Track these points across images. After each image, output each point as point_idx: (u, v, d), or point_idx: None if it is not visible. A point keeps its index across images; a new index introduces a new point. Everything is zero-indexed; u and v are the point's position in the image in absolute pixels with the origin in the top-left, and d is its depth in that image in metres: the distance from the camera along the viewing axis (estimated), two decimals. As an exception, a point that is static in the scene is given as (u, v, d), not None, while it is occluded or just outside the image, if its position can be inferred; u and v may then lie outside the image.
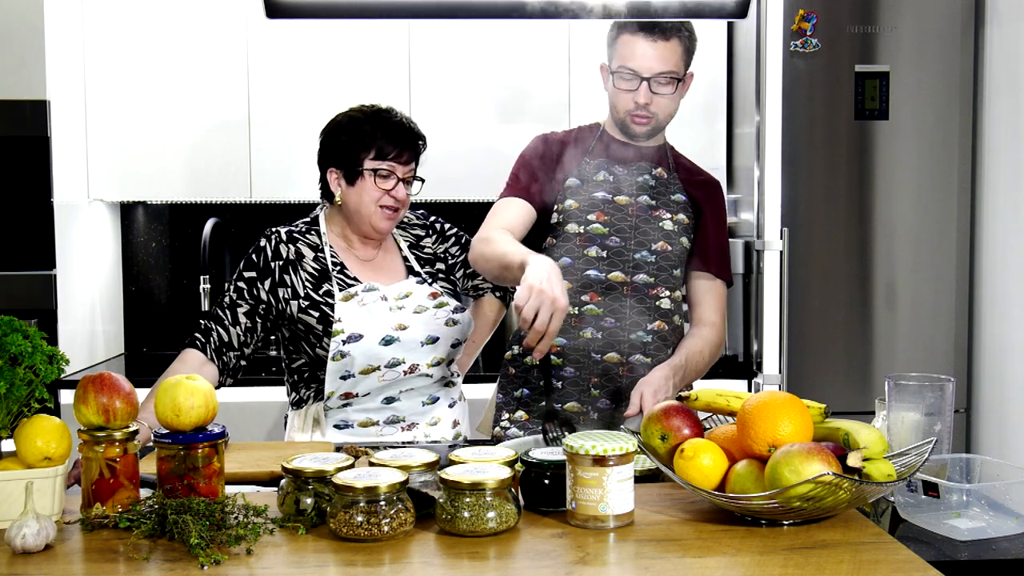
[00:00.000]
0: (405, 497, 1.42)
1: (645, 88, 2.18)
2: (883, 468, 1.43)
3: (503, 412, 2.27)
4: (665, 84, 2.19)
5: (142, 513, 1.43)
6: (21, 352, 1.48)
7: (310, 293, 2.17)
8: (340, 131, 2.22)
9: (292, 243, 2.22)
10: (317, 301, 2.17)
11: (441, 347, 2.24)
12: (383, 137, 2.19)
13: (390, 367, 2.17)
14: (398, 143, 2.20)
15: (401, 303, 2.22)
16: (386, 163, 2.19)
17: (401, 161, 2.20)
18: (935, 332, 3.24)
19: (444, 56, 3.54)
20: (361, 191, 2.20)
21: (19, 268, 3.21)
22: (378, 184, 2.19)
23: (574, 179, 2.25)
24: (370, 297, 2.19)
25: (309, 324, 2.17)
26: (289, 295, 2.18)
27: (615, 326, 2.19)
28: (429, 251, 2.36)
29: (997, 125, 3.17)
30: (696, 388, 1.78)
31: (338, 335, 2.14)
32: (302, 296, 2.17)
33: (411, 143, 2.22)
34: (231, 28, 3.50)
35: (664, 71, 2.17)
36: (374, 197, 2.19)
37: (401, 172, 2.21)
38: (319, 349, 2.17)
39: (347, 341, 2.14)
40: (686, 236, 2.27)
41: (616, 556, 1.36)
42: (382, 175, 2.19)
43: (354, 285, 2.20)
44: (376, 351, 2.15)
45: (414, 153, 2.23)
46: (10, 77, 3.17)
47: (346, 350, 2.14)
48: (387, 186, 2.19)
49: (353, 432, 2.19)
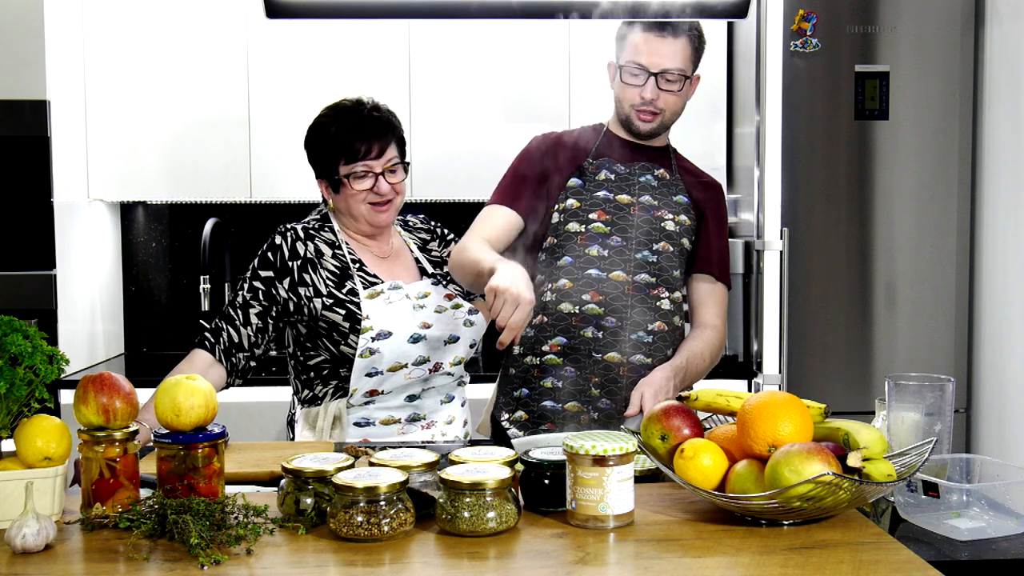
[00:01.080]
0: (405, 497, 1.42)
1: (652, 83, 2.18)
2: (883, 468, 1.43)
3: (503, 412, 2.27)
4: (672, 81, 2.19)
5: (142, 513, 1.43)
6: (21, 352, 1.48)
7: (333, 291, 2.15)
8: (314, 139, 2.21)
9: (310, 240, 2.19)
10: (342, 299, 2.15)
11: (461, 347, 2.24)
12: (350, 137, 2.15)
13: (417, 365, 2.17)
14: (366, 138, 2.15)
15: (422, 302, 2.22)
16: (360, 164, 2.16)
17: (373, 156, 2.16)
18: (935, 332, 3.24)
19: (444, 56, 3.54)
20: (346, 197, 2.19)
21: (19, 268, 3.21)
22: (355, 186, 2.16)
23: (576, 178, 2.25)
24: (396, 295, 2.18)
25: (334, 322, 2.14)
26: (312, 293, 2.15)
27: (616, 326, 2.19)
28: (436, 254, 2.36)
29: (997, 125, 3.17)
30: (696, 388, 1.78)
31: (367, 332, 2.12)
32: (325, 294, 2.15)
33: (380, 133, 2.17)
34: (231, 28, 3.50)
35: (672, 68, 2.18)
36: (359, 199, 2.17)
37: (379, 166, 2.17)
38: (344, 346, 2.14)
39: (376, 338, 2.12)
40: (687, 238, 2.27)
41: (616, 556, 1.36)
42: (358, 176, 2.16)
43: (377, 283, 2.19)
44: (404, 348, 2.15)
45: (387, 142, 2.18)
46: (10, 77, 3.17)
47: (375, 347, 2.12)
48: (366, 186, 2.17)
49: (375, 430, 2.18)
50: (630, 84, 2.21)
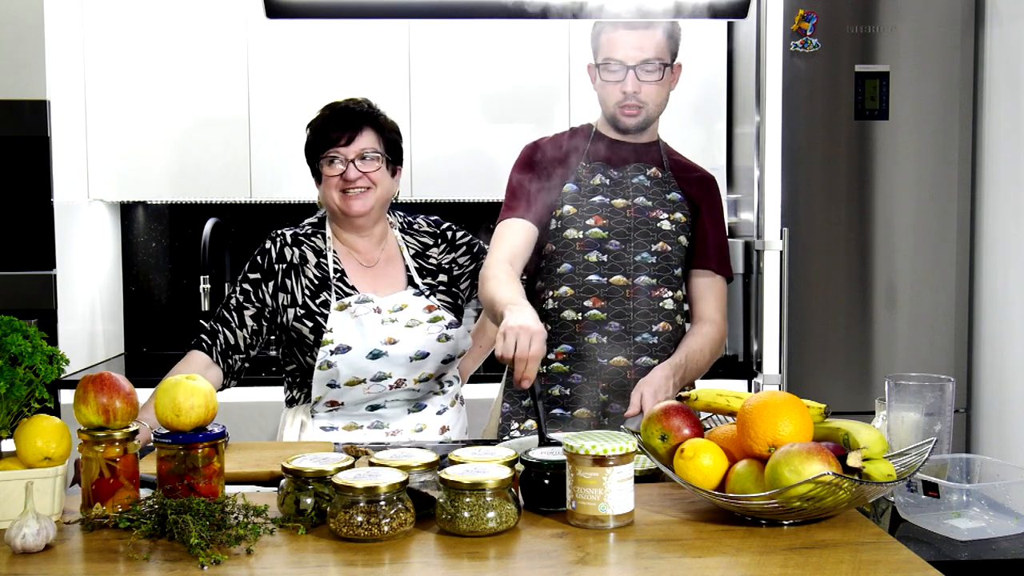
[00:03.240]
0: (405, 497, 1.42)
1: (632, 76, 2.17)
2: (883, 468, 1.43)
3: (512, 421, 2.26)
4: (652, 71, 2.18)
5: (142, 513, 1.43)
6: (21, 352, 1.48)
7: (307, 302, 2.18)
8: (307, 141, 2.25)
9: (297, 246, 2.23)
10: (312, 311, 2.17)
11: (430, 363, 2.22)
12: (326, 129, 2.20)
13: (376, 381, 2.17)
14: (338, 127, 2.19)
15: (394, 316, 2.20)
16: (330, 151, 2.19)
17: (343, 144, 2.18)
18: (935, 332, 3.24)
19: (444, 56, 3.54)
20: (323, 187, 2.23)
21: (19, 268, 3.21)
22: (326, 172, 2.20)
23: (571, 184, 2.24)
24: (363, 309, 2.18)
25: (302, 333, 2.18)
26: (288, 302, 2.18)
27: (620, 330, 2.18)
28: (434, 261, 2.32)
29: (997, 125, 3.17)
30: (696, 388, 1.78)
31: (327, 345, 2.14)
32: (299, 304, 2.18)
33: (352, 123, 2.20)
34: (231, 28, 3.50)
35: (649, 58, 2.17)
36: (330, 185, 2.20)
37: (351, 153, 2.18)
38: (308, 357, 2.18)
39: (335, 352, 2.14)
40: (684, 235, 2.26)
41: (616, 556, 1.36)
42: (328, 162, 2.19)
43: (351, 295, 2.20)
44: (362, 364, 2.15)
45: (359, 131, 2.20)
46: (10, 77, 3.17)
47: (333, 360, 2.14)
48: (335, 171, 2.19)
49: (337, 435, 2.21)
50: (610, 81, 2.20)
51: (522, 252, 2.20)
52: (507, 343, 1.86)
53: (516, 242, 2.20)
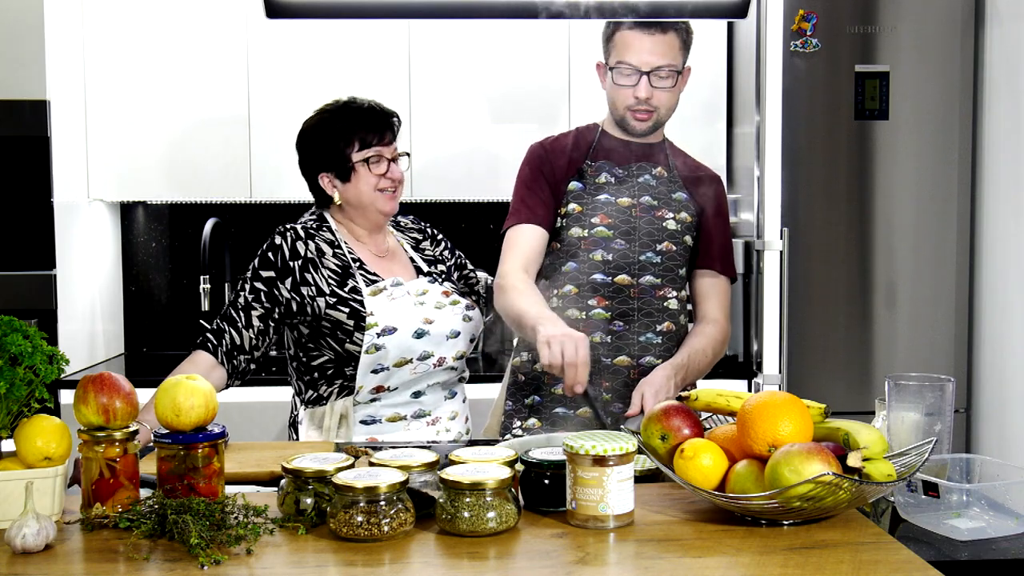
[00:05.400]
0: (405, 497, 1.42)
1: (645, 82, 2.17)
2: (883, 468, 1.43)
3: (514, 419, 2.26)
4: (665, 78, 2.18)
5: (142, 513, 1.43)
6: (21, 352, 1.48)
7: (336, 290, 2.17)
8: (317, 135, 2.25)
9: (310, 239, 2.22)
10: (345, 297, 2.17)
11: (462, 341, 2.26)
12: (360, 127, 2.22)
13: (422, 360, 2.19)
14: (375, 128, 2.23)
15: (422, 299, 2.24)
16: (372, 150, 2.22)
17: (384, 143, 2.24)
18: (935, 332, 3.24)
19: (444, 56, 3.54)
20: (357, 184, 2.22)
21: (19, 268, 3.21)
22: (373, 171, 2.22)
23: (576, 183, 2.24)
24: (398, 291, 2.21)
25: (338, 320, 2.16)
26: (314, 292, 2.17)
27: (624, 329, 2.18)
28: (429, 253, 2.39)
29: (997, 125, 3.17)
30: (696, 388, 1.78)
31: (372, 328, 2.14)
32: (328, 293, 2.17)
33: (386, 123, 2.25)
34: (231, 28, 3.50)
35: (663, 64, 2.16)
36: (372, 184, 2.22)
37: (388, 153, 2.24)
38: (349, 344, 2.16)
39: (381, 334, 2.15)
40: (689, 235, 2.26)
41: (616, 556, 1.36)
42: (373, 162, 2.22)
43: (378, 280, 2.21)
44: (409, 343, 2.17)
45: (392, 131, 2.26)
46: (10, 77, 3.17)
47: (380, 343, 2.15)
48: (381, 171, 2.23)
49: (380, 428, 2.20)
50: (622, 85, 2.20)
51: (535, 258, 2.21)
52: (553, 351, 1.89)
53: (529, 248, 2.20)
